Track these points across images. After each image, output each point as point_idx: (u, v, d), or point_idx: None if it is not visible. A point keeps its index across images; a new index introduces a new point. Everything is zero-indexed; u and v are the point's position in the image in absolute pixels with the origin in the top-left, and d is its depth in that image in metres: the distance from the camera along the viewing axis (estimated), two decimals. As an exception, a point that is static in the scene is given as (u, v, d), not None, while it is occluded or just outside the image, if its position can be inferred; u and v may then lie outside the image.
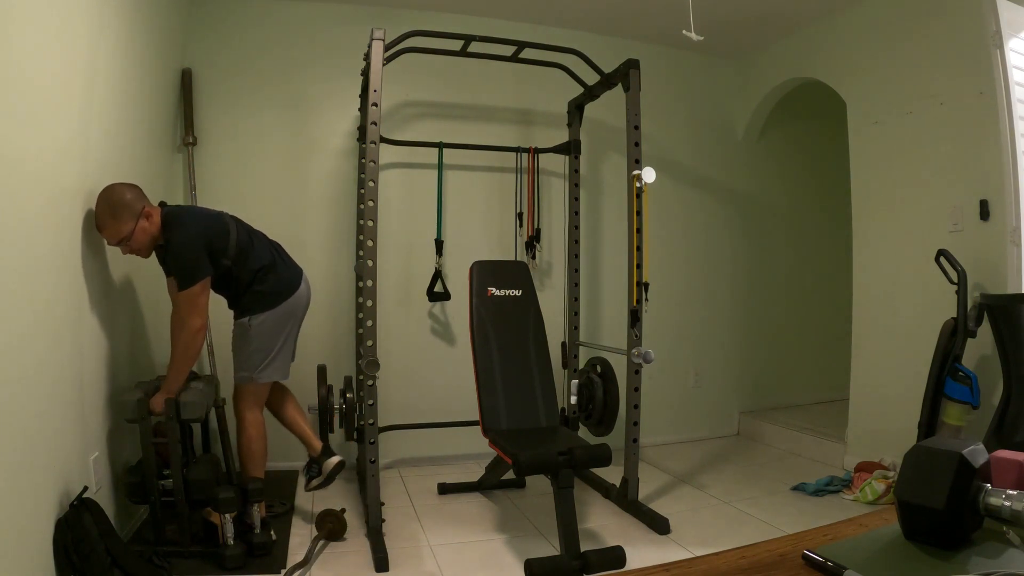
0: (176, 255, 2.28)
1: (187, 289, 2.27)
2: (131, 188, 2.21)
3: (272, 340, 2.50)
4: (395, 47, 2.73)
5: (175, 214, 2.33)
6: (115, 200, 2.14)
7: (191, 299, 2.27)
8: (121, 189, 2.17)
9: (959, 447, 0.80)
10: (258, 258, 2.47)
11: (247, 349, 2.48)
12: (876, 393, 3.26)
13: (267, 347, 2.49)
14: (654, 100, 3.62)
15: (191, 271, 2.27)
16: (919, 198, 3.05)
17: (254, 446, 2.54)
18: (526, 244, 3.66)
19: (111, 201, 2.13)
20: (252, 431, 2.54)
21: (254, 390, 2.53)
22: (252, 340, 2.47)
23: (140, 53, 2.58)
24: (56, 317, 1.85)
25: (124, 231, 2.17)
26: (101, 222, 2.14)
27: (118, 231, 2.16)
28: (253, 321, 2.46)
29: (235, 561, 2.16)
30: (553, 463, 2.16)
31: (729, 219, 4.26)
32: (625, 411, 2.83)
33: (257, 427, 2.55)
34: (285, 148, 3.40)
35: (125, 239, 2.19)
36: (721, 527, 2.68)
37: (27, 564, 1.62)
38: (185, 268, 2.28)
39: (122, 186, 2.19)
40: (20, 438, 1.61)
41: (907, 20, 3.09)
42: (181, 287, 2.28)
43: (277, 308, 2.49)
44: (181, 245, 2.27)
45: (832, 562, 0.74)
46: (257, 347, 2.48)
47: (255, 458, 2.55)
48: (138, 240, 2.22)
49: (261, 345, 2.48)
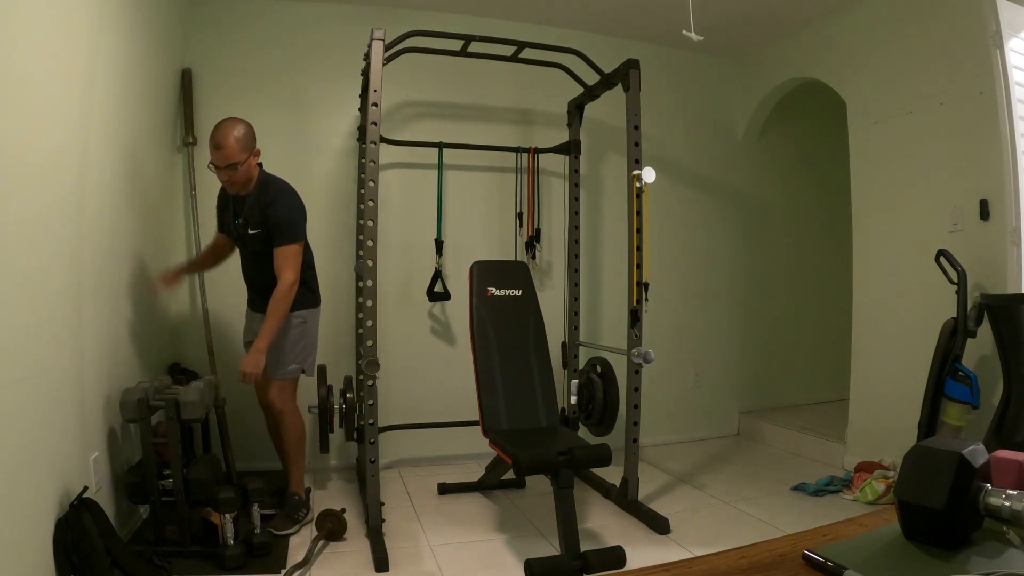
0: (286, 213, 2.45)
1: (288, 245, 2.43)
2: (253, 132, 2.44)
3: (316, 334, 2.66)
4: (395, 47, 2.73)
5: (275, 178, 2.54)
6: (245, 130, 2.39)
7: (290, 255, 2.43)
8: (248, 125, 2.41)
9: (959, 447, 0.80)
10: (309, 255, 2.64)
11: (302, 342, 2.58)
12: (876, 393, 3.26)
13: (315, 341, 2.65)
14: (654, 100, 3.62)
15: (295, 229, 2.46)
16: (919, 198, 3.05)
17: (302, 444, 2.67)
18: (526, 244, 3.66)
19: (241, 129, 2.37)
20: (301, 428, 2.66)
21: (295, 385, 2.64)
22: (307, 333, 2.60)
23: (140, 53, 2.58)
24: (56, 317, 1.85)
25: (241, 158, 2.37)
26: (224, 141, 2.34)
27: (236, 155, 2.36)
28: (310, 313, 2.60)
29: (235, 561, 2.16)
30: (553, 463, 2.16)
31: (729, 219, 4.26)
32: (625, 411, 2.83)
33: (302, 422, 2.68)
34: (285, 148, 3.39)
35: (237, 164, 2.36)
36: (721, 527, 2.68)
37: (27, 564, 1.62)
38: (292, 224, 2.45)
39: (248, 123, 2.42)
40: (20, 438, 1.61)
41: (907, 20, 3.09)
42: (283, 242, 2.43)
43: (318, 307, 2.70)
44: (291, 206, 2.47)
45: (832, 562, 0.74)
46: (310, 340, 2.62)
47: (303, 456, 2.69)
48: (243, 173, 2.41)
49: (312, 339, 2.63)
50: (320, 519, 2.48)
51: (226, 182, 2.43)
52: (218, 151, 2.34)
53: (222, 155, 2.34)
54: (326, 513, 2.48)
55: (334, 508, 2.51)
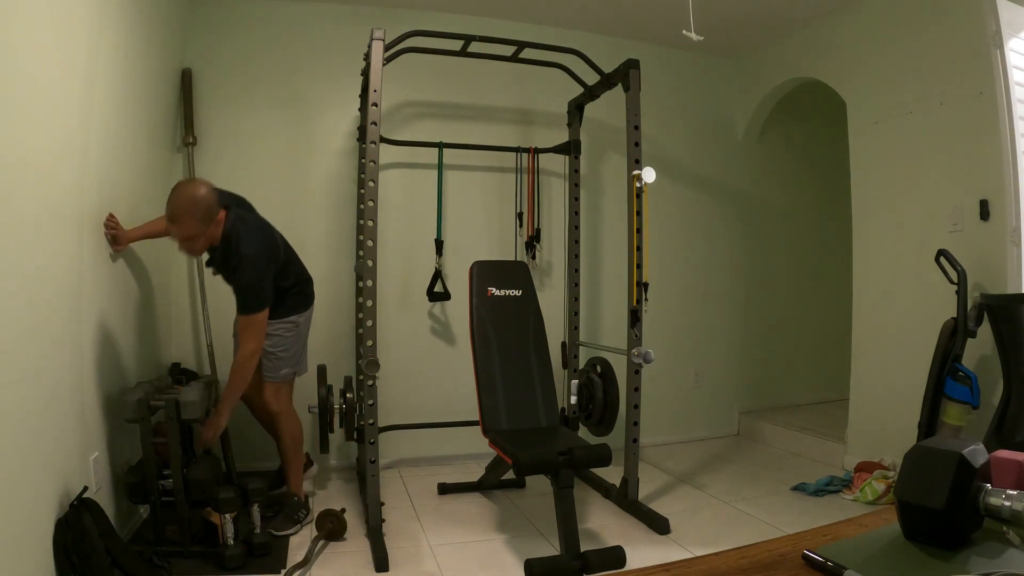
0: (248, 282, 2.28)
1: (250, 315, 2.28)
2: (213, 190, 2.22)
3: (307, 335, 2.65)
4: (395, 47, 2.73)
5: (242, 230, 2.30)
6: (201, 200, 2.16)
7: (252, 324, 2.29)
8: (205, 193, 2.18)
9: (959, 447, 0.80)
10: (296, 266, 2.59)
11: (296, 346, 2.57)
12: (876, 393, 3.26)
13: (305, 342, 2.63)
14: (654, 100, 3.62)
15: (258, 297, 2.29)
16: (919, 198, 3.05)
17: (300, 444, 2.66)
18: (526, 244, 3.66)
19: (197, 200, 2.15)
20: (298, 429, 2.65)
21: (291, 387, 2.64)
22: (300, 336, 2.59)
23: (140, 53, 2.58)
24: (56, 317, 1.85)
25: (196, 232, 2.18)
26: (178, 216, 2.15)
27: (191, 230, 2.17)
28: (301, 317, 2.58)
29: (235, 561, 2.16)
30: (553, 463, 2.16)
31: (729, 219, 4.26)
32: (625, 411, 2.83)
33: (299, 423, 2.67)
34: (285, 148, 3.40)
35: (192, 238, 2.20)
36: (721, 527, 2.68)
37: (27, 564, 1.62)
38: (252, 292, 2.29)
39: (207, 188, 2.21)
40: (20, 438, 1.61)
41: (907, 20, 3.09)
42: (245, 312, 2.29)
43: (312, 306, 2.65)
44: (255, 270, 2.27)
45: (832, 562, 0.74)
46: (303, 343, 2.61)
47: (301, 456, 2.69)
48: (201, 244, 2.24)
49: (304, 341, 2.62)
50: (320, 519, 2.48)
51: (184, 251, 2.31)
52: (174, 225, 2.18)
53: (179, 230, 2.18)
54: (326, 513, 2.48)
55: (334, 508, 2.51)
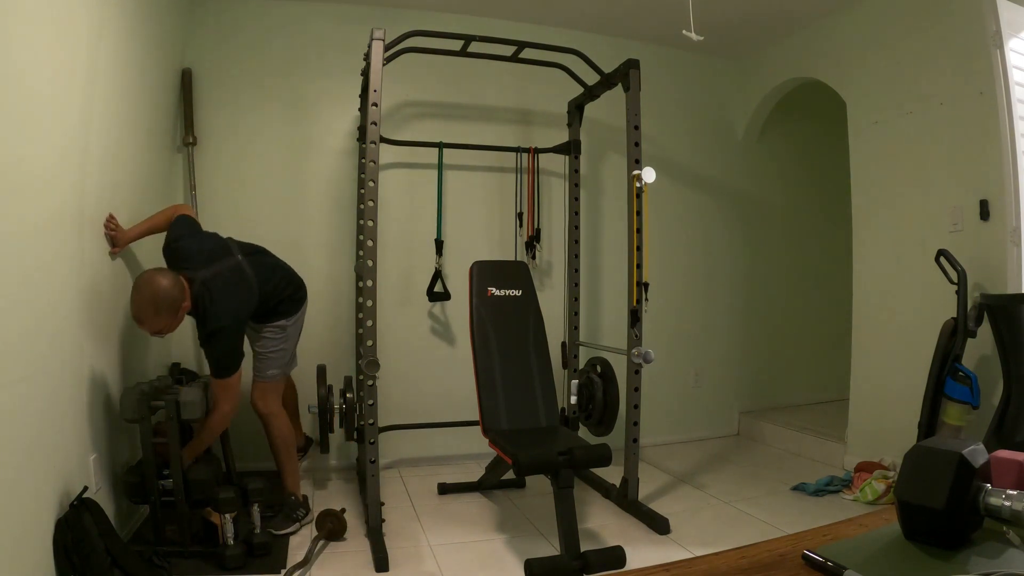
0: (217, 350, 2.27)
1: (224, 379, 2.30)
2: (174, 282, 2.15)
3: (297, 336, 2.63)
4: (395, 47, 2.73)
5: (204, 301, 2.23)
6: (160, 298, 2.10)
7: (227, 387, 2.32)
8: (167, 287, 2.11)
9: (959, 447, 0.80)
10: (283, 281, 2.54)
11: (283, 347, 2.55)
12: (876, 393, 3.26)
13: (295, 343, 2.62)
14: (654, 100, 3.62)
15: (228, 364, 2.30)
16: (919, 198, 3.05)
17: (291, 444, 2.65)
18: (526, 244, 3.66)
19: (156, 299, 2.10)
20: (287, 428, 2.64)
21: (278, 388, 2.62)
22: (289, 338, 2.57)
23: (140, 53, 2.58)
24: (56, 317, 1.85)
25: (164, 325, 2.17)
26: (143, 316, 2.12)
27: (158, 325, 2.16)
28: (290, 321, 2.55)
29: (235, 561, 2.16)
30: (553, 463, 2.16)
31: (729, 219, 4.26)
32: (625, 411, 2.83)
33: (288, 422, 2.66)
34: (285, 148, 3.40)
35: (162, 330, 2.21)
36: (721, 527, 2.68)
37: (27, 564, 1.62)
38: (224, 359, 2.29)
39: (167, 282, 2.13)
40: (21, 438, 1.61)
41: (907, 20, 3.09)
42: (217, 376, 2.30)
43: (302, 308, 2.63)
44: (221, 341, 2.25)
45: (832, 562, 0.74)
46: (292, 344, 2.59)
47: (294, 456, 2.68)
48: (175, 325, 2.24)
49: (294, 342, 2.61)
50: (320, 519, 2.48)
51: (160, 336, 2.32)
52: (141, 325, 2.16)
53: (148, 328, 2.17)
54: (326, 513, 2.48)
55: (334, 508, 2.51)
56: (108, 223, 2.25)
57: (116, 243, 2.31)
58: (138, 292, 2.11)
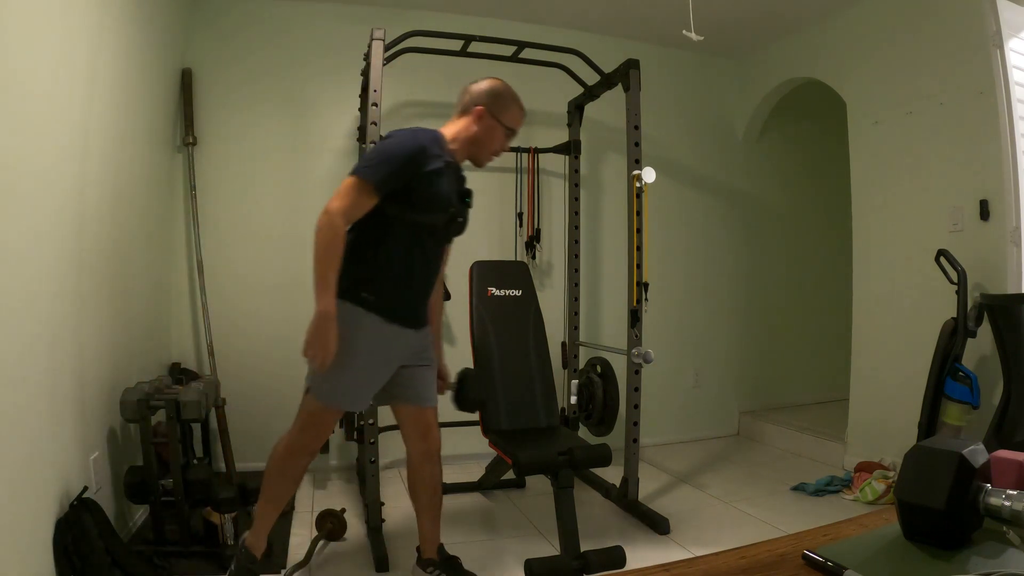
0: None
1: (350, 176, 1.83)
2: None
3: (370, 361, 2.06)
4: (395, 47, 2.73)
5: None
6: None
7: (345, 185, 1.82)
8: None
9: (959, 447, 0.80)
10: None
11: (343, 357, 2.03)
12: (876, 393, 3.26)
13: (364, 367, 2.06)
14: (654, 100, 3.62)
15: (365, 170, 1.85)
16: (919, 198, 3.05)
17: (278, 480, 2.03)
18: (526, 244, 3.66)
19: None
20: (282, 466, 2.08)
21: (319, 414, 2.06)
22: (351, 347, 2.03)
23: (140, 53, 2.58)
24: (57, 317, 1.85)
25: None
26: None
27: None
28: (358, 314, 2.05)
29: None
30: (553, 463, 2.16)
31: (729, 219, 4.26)
32: (625, 411, 2.83)
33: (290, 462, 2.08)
34: (285, 148, 3.40)
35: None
36: (721, 527, 2.68)
37: (27, 564, 1.62)
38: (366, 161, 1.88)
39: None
40: (21, 438, 1.61)
41: (907, 20, 3.09)
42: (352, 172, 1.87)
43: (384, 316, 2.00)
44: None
45: (832, 562, 0.74)
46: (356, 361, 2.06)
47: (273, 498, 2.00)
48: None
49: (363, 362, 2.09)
50: (320, 519, 2.48)
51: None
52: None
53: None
54: (326, 513, 2.48)
55: (334, 508, 2.51)
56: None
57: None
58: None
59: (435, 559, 2.14)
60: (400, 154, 1.80)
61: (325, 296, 1.72)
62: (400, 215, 1.84)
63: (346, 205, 1.75)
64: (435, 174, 1.85)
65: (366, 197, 1.77)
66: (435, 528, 2.14)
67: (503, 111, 1.97)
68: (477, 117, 1.95)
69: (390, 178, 1.78)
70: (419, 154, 1.82)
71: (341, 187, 1.77)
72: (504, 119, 1.97)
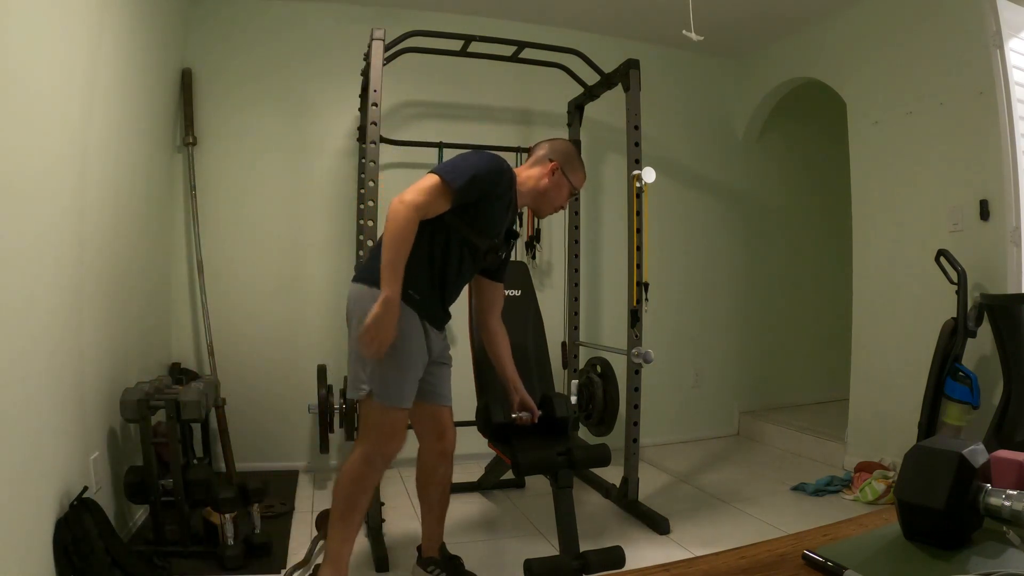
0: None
1: (429, 174, 1.88)
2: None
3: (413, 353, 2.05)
4: (395, 47, 2.73)
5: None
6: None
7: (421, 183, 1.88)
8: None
9: (959, 447, 0.80)
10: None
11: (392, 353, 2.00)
12: (876, 393, 3.26)
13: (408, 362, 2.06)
14: (654, 100, 3.62)
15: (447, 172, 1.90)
16: (919, 198, 3.05)
17: (353, 503, 1.99)
18: (526, 244, 3.66)
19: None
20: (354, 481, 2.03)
21: (388, 416, 2.04)
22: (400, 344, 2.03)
23: (140, 53, 2.58)
24: (57, 317, 1.85)
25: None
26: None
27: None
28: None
29: (235, 561, 2.16)
30: (552, 463, 2.16)
31: (729, 219, 4.26)
32: (625, 411, 2.83)
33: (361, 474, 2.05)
34: (285, 148, 3.40)
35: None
36: (721, 527, 2.68)
37: (27, 564, 1.62)
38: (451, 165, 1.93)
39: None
40: (21, 438, 1.61)
41: (907, 20, 3.09)
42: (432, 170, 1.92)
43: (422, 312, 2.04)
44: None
45: (832, 562, 0.74)
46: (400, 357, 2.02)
47: (348, 523, 1.96)
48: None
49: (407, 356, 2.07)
50: (320, 519, 2.48)
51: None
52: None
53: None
54: (326, 513, 2.47)
55: (334, 508, 2.51)
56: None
57: None
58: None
59: (437, 558, 2.17)
60: (486, 169, 1.87)
61: (394, 283, 1.75)
62: (456, 225, 1.89)
63: (424, 201, 1.80)
64: (501, 202, 1.94)
65: (444, 200, 1.83)
66: (439, 527, 2.19)
67: (573, 172, 2.08)
68: (550, 172, 2.04)
69: (471, 187, 1.84)
70: (500, 177, 1.91)
71: (421, 183, 1.82)
72: (572, 179, 2.08)
